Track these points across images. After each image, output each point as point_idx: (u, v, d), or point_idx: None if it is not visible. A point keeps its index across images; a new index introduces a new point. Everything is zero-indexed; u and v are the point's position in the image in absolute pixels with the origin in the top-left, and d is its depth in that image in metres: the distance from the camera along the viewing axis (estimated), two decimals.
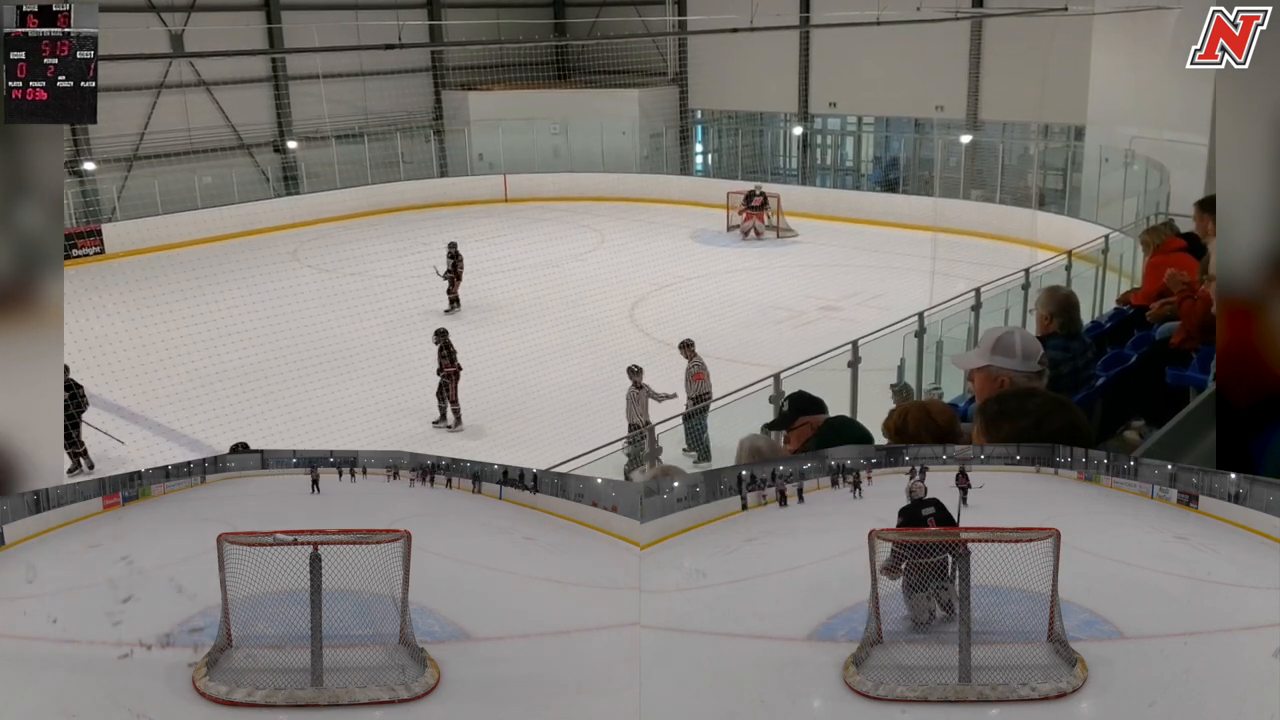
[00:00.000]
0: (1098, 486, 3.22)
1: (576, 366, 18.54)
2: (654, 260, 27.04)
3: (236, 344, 18.92)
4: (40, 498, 3.03)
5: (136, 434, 16.22)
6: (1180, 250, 9.21)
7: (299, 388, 17.38)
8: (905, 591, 2.82)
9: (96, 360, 16.99)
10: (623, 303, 23.50)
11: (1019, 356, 4.49)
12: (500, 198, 37.55)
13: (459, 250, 23.68)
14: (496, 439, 15.54)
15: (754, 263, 28.58)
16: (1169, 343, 7.65)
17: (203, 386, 17.70)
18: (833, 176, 38.79)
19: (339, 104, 35.43)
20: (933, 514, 2.93)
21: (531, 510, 3.18)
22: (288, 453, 3.29)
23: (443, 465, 3.27)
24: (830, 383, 11.73)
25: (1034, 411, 3.40)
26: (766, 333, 21.38)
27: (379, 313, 21.77)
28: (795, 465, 3.25)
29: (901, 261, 26.91)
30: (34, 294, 3.33)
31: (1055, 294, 6.90)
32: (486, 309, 23.13)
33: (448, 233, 26.40)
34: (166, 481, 3.13)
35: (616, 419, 15.02)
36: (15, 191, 3.27)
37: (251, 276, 23.93)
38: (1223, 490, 3.09)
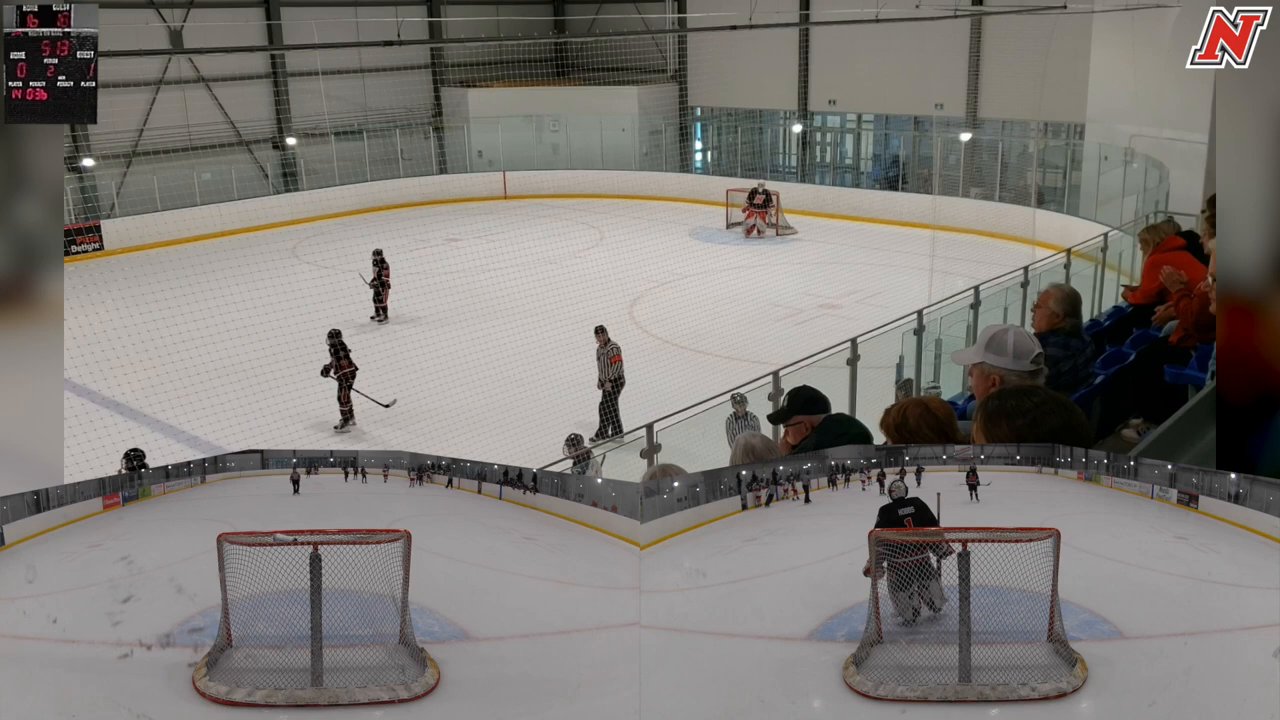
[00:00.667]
0: (1098, 486, 3.22)
1: (575, 363, 18.54)
2: (653, 257, 27.06)
3: (235, 340, 18.95)
4: (40, 498, 3.03)
5: (135, 429, 16.21)
6: (1179, 249, 9.21)
7: (297, 384, 17.40)
8: (890, 591, 2.83)
9: (95, 356, 17.03)
10: (622, 300, 23.49)
11: (1010, 355, 4.54)
12: (499, 195, 37.56)
13: (385, 258, 22.85)
14: (494, 435, 15.52)
15: (753, 260, 28.58)
16: (1167, 341, 7.66)
17: (201, 382, 17.71)
18: (832, 174, 38.81)
19: (338, 101, 35.40)
20: (911, 514, 2.94)
21: (531, 510, 3.18)
22: (288, 453, 3.29)
23: (443, 465, 3.27)
24: (829, 380, 11.73)
25: (1031, 410, 3.40)
26: (765, 330, 21.39)
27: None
28: (796, 465, 3.25)
29: (900, 259, 26.93)
30: (34, 290, 3.33)
31: (1065, 291, 6.92)
32: (484, 306, 23.10)
33: (447, 229, 26.41)
34: (166, 481, 3.13)
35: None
36: (15, 188, 3.27)
37: (250, 273, 23.96)
38: (1223, 490, 3.10)
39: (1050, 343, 6.37)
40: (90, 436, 14.09)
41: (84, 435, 14.11)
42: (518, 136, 38.44)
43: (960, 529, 2.81)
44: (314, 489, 3.23)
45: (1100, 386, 6.81)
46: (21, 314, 3.33)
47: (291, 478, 3.22)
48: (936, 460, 3.23)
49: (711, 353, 19.73)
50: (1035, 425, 3.35)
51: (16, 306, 3.31)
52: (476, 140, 38.81)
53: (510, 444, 14.60)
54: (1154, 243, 9.77)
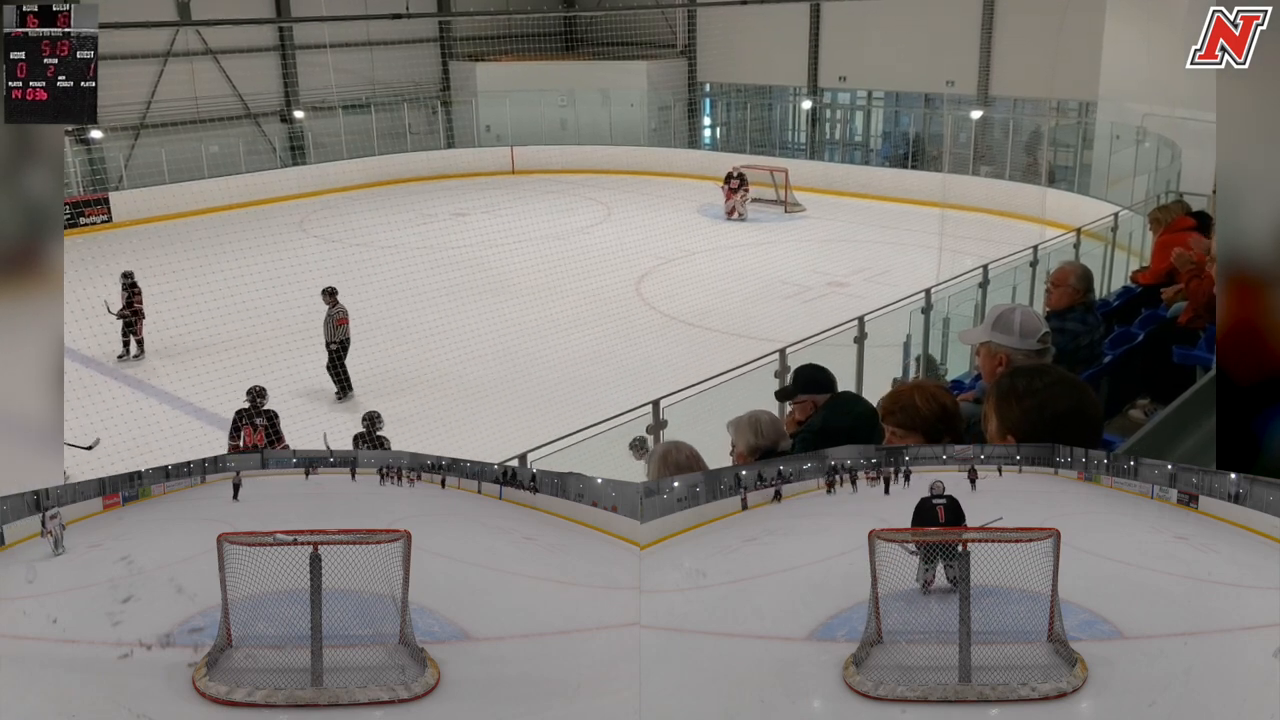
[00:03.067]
0: (1098, 486, 3.21)
1: (582, 339, 18.55)
2: (661, 234, 27.03)
3: (241, 313, 18.99)
4: (40, 498, 3.03)
5: (141, 401, 16.29)
6: (1190, 229, 9.19)
7: (302, 357, 17.44)
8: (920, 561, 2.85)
9: (102, 328, 17.12)
10: (629, 276, 23.50)
11: (1016, 334, 4.54)
12: (507, 169, 37.50)
13: (136, 281, 19.78)
14: (499, 410, 15.53)
15: (761, 237, 28.52)
16: (1176, 321, 7.66)
17: (207, 355, 17.76)
18: (841, 151, 38.67)
19: (346, 74, 35.30)
20: (943, 503, 2.96)
21: (531, 510, 3.17)
22: (288, 453, 3.30)
23: (442, 465, 3.28)
24: (836, 358, 11.71)
25: (1041, 390, 3.39)
26: (773, 307, 21.37)
27: (384, 283, 21.78)
28: (795, 465, 3.25)
29: (909, 237, 26.86)
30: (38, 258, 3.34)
31: (1078, 267, 6.92)
32: (491, 281, 23.09)
33: (454, 204, 26.37)
34: (166, 481, 3.13)
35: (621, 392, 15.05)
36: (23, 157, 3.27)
37: (257, 246, 23.95)
38: (1223, 490, 3.09)
39: (1070, 318, 6.40)
40: (95, 405, 14.15)
41: (90, 404, 14.16)
42: (526, 111, 38.32)
43: (960, 529, 2.82)
44: (314, 489, 3.24)
45: (1108, 366, 6.82)
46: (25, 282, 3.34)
47: (234, 482, 3.22)
48: (936, 460, 3.23)
49: (718, 329, 19.72)
50: (1043, 407, 3.34)
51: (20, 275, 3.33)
52: (484, 114, 38.73)
53: (516, 419, 14.62)
54: (1164, 223, 9.76)
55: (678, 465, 4.21)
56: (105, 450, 12.29)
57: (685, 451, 4.28)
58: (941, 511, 2.94)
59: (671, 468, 4.19)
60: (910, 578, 2.83)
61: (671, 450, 4.32)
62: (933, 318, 13.79)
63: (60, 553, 2.96)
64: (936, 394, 3.99)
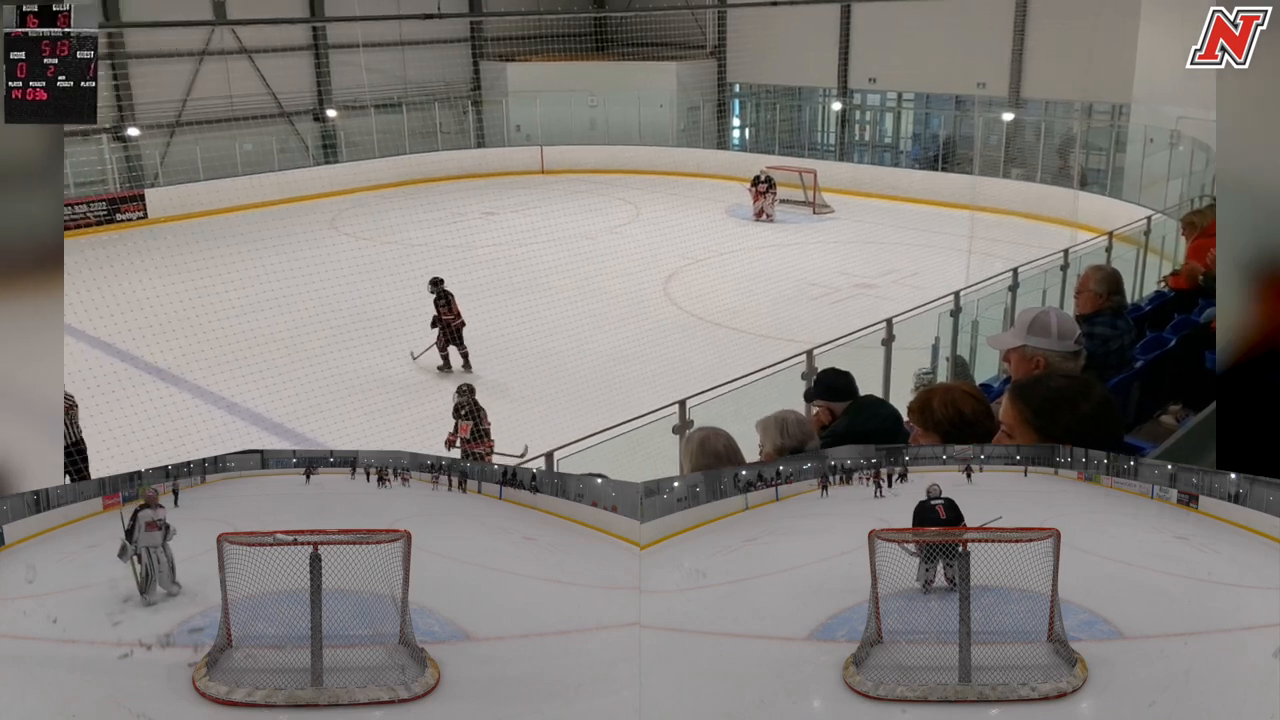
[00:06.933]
0: (1098, 486, 3.20)
1: (609, 339, 18.56)
2: (689, 234, 26.97)
3: (274, 309, 19.12)
4: (40, 498, 3.06)
5: (175, 395, 16.41)
6: None
7: (335, 353, 17.55)
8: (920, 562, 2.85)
9: (138, 322, 17.33)
10: (657, 276, 23.49)
11: (1054, 336, 4.48)
12: (537, 169, 37.57)
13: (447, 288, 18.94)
14: (530, 408, 15.57)
15: (789, 238, 28.44)
16: (1208, 327, 7.58)
17: (240, 350, 17.86)
18: (871, 153, 38.49)
19: (378, 73, 35.45)
20: (942, 503, 2.96)
21: (531, 510, 3.18)
22: (288, 453, 3.32)
23: (443, 465, 3.29)
24: (863, 360, 11.69)
25: (1055, 394, 3.38)
26: (801, 309, 21.30)
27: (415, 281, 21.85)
28: (795, 465, 3.26)
29: (939, 240, 26.72)
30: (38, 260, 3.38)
31: (1106, 271, 6.86)
32: (520, 280, 23.12)
33: (484, 203, 26.48)
34: (166, 481, 3.15)
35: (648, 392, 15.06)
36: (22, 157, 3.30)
37: (290, 243, 24.13)
38: (1223, 490, 3.08)
39: (1098, 323, 6.33)
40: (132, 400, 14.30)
41: (125, 398, 14.31)
42: (555, 111, 38.33)
43: (960, 529, 2.82)
44: (314, 489, 3.25)
45: (1140, 371, 6.76)
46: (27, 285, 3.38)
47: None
48: (936, 460, 3.23)
49: (746, 330, 19.69)
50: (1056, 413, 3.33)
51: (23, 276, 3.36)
52: (515, 114, 38.79)
53: (542, 418, 14.64)
54: (1199, 227, 9.66)
55: (715, 454, 4.20)
56: (142, 446, 12.43)
57: (723, 440, 4.28)
58: (941, 510, 2.95)
59: (710, 455, 4.19)
60: (910, 578, 2.84)
61: (710, 436, 4.31)
62: (961, 320, 13.73)
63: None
64: (958, 399, 3.92)
